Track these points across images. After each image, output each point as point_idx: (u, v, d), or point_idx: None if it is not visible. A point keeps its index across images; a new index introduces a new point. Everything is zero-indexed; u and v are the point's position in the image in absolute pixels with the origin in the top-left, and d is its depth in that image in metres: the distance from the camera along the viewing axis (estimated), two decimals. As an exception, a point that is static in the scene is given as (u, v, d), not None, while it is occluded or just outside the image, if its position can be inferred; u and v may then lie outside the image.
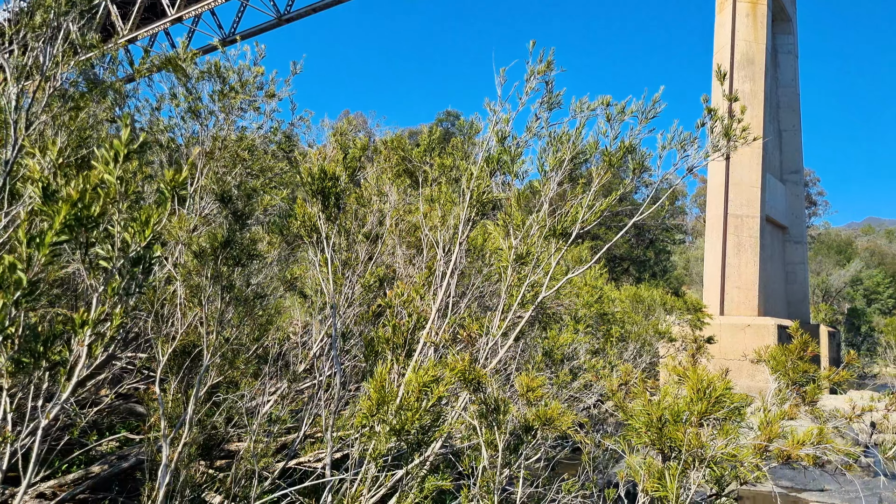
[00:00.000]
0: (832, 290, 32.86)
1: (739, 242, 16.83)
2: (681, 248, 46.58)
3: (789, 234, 21.66)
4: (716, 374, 3.06)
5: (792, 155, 21.70)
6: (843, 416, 3.43)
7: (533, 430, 3.63)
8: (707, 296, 17.17)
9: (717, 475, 2.69)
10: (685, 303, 11.00)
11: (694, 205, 55.35)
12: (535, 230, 3.76)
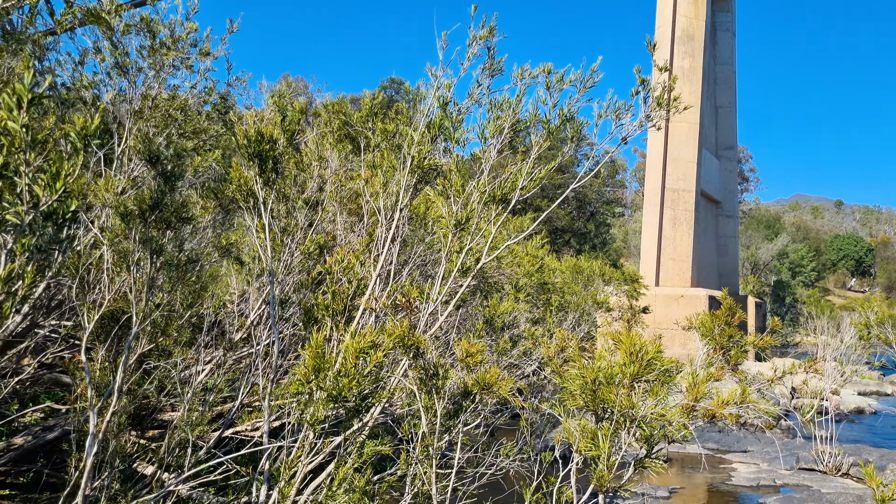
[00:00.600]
0: (760, 263, 34.39)
1: (675, 216, 17.35)
2: (620, 221, 47.75)
3: (722, 209, 22.45)
4: (648, 340, 3.15)
5: (727, 132, 22.40)
6: (765, 378, 3.60)
7: (472, 396, 3.67)
8: (644, 267, 17.69)
9: (646, 434, 2.78)
10: (623, 274, 11.29)
11: (633, 179, 56.66)
12: (476, 196, 3.76)
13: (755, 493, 8.09)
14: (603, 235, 27.86)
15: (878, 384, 20.39)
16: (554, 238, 24.14)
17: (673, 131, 17.60)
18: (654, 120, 3.76)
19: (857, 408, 16.14)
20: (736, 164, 23.20)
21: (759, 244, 40.56)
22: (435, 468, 3.53)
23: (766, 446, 10.40)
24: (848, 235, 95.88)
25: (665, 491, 7.74)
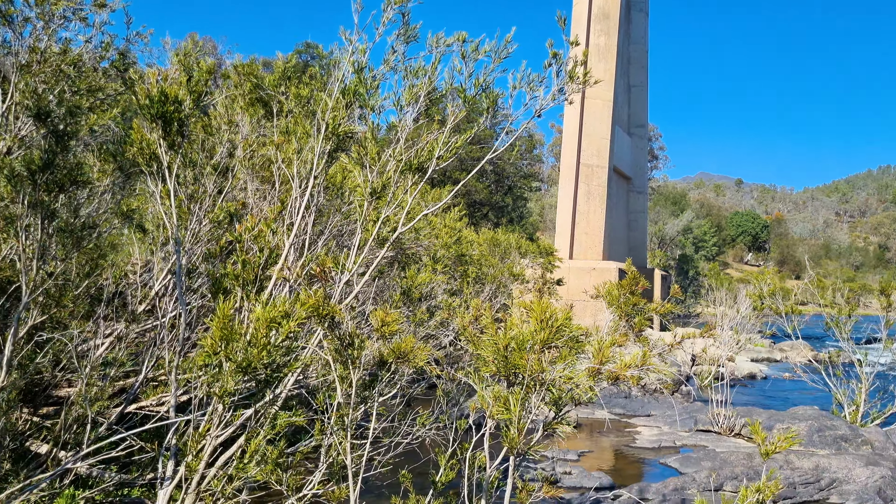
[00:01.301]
0: (667, 238, 36.05)
1: (589, 191, 17.87)
2: (537, 196, 48.78)
3: (633, 185, 23.30)
4: (559, 308, 3.24)
5: (639, 110, 23.16)
6: (666, 343, 3.79)
7: (387, 365, 3.67)
8: (559, 241, 18.17)
9: (555, 397, 2.87)
10: (538, 247, 11.54)
11: (550, 154, 57.86)
12: (392, 165, 3.72)
13: (657, 454, 8.56)
14: (520, 209, 28.35)
15: (769, 351, 21.91)
16: (472, 211, 24.38)
17: (588, 108, 18.03)
18: (566, 93, 3.81)
19: (750, 373, 17.27)
20: (647, 142, 24.07)
21: (666, 220, 42.47)
22: (350, 438, 3.52)
23: (667, 410, 10.99)
24: (746, 213, 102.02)
25: (574, 454, 8.07)
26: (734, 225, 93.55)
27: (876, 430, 9.30)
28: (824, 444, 8.92)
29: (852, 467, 7.38)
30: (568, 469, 7.32)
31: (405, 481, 3.95)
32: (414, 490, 3.73)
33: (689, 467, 7.77)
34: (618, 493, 6.59)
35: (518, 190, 27.12)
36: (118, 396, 3.86)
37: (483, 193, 24.41)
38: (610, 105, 18.23)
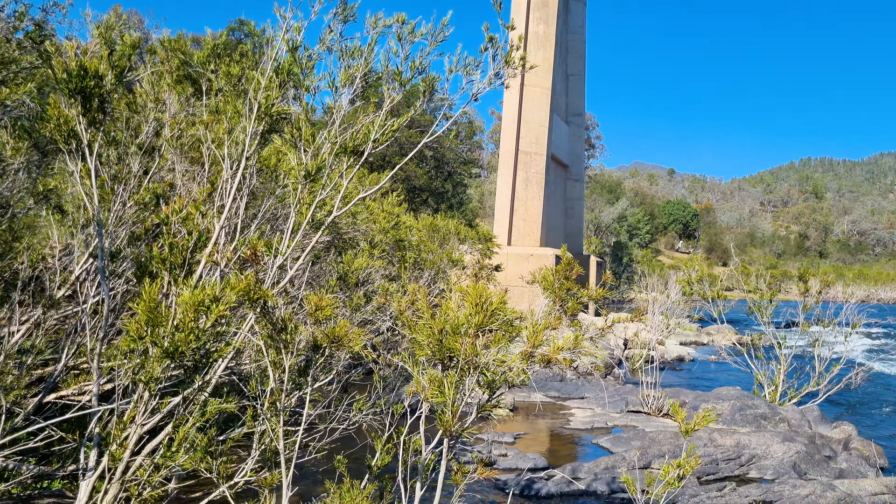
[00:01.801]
0: (602, 225, 36.92)
1: (527, 178, 18.07)
2: (477, 182, 49.03)
3: (570, 173, 23.70)
4: (494, 292, 3.26)
5: (576, 99, 23.53)
6: (598, 327, 3.88)
7: (322, 350, 3.63)
8: (497, 227, 18.34)
9: (489, 380, 2.90)
10: (477, 233, 11.61)
11: (490, 141, 58.20)
12: (327, 147, 3.66)
13: (590, 434, 8.81)
14: (460, 195, 28.41)
15: (697, 335, 22.78)
16: (412, 197, 24.30)
17: (527, 95, 18.19)
18: (503, 78, 3.83)
19: (679, 356, 17.93)
20: (584, 131, 24.51)
21: (602, 207, 43.45)
22: (283, 424, 3.47)
23: (600, 393, 11.31)
24: (678, 202, 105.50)
25: (510, 437, 8.21)
26: (666, 213, 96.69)
27: (792, 409, 9.83)
28: (745, 423, 9.37)
29: (770, 444, 7.78)
30: (504, 451, 7.44)
31: (340, 466, 3.93)
32: (350, 475, 3.71)
33: (619, 447, 8.03)
34: (551, 472, 6.74)
35: (458, 176, 27.14)
36: (36, 386, 3.68)
37: (423, 179, 24.34)
38: (548, 93, 18.44)
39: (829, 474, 7.40)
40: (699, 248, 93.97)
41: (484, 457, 7.03)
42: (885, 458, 8.05)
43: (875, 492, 6.71)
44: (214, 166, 4.09)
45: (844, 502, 6.32)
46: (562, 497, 6.35)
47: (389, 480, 3.90)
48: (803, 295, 12.43)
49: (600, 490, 6.52)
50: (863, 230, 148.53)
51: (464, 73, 3.78)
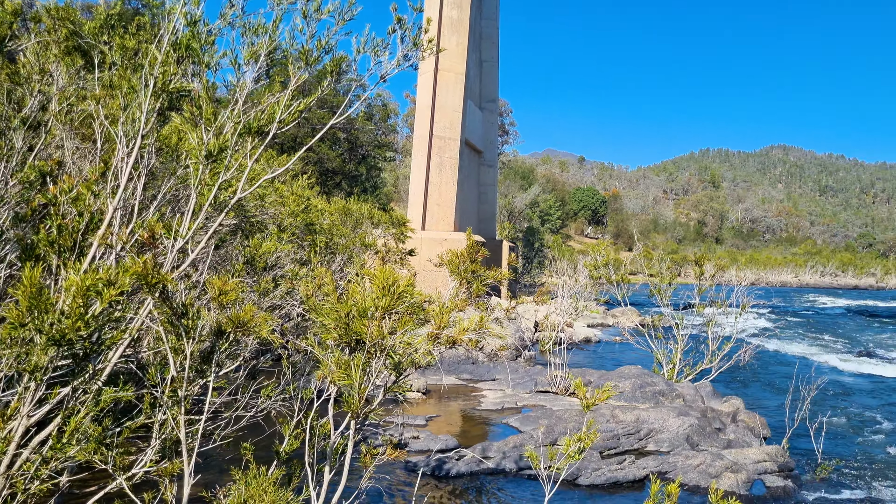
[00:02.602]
0: (515, 211, 37.65)
1: (441, 163, 18.13)
2: (391, 166, 48.74)
3: (484, 158, 23.96)
4: (401, 275, 3.28)
5: (490, 85, 23.76)
6: (503, 308, 3.97)
7: (226, 335, 3.54)
8: (412, 211, 18.33)
9: (395, 362, 2.92)
10: (391, 217, 11.57)
11: (405, 125, 57.91)
12: (230, 127, 3.54)
13: (500, 415, 9.03)
14: (374, 179, 28.14)
15: (603, 317, 23.70)
16: (325, 180, 23.84)
17: (441, 80, 18.20)
18: (412, 60, 3.82)
19: (586, 338, 18.60)
20: (497, 117, 24.81)
21: (515, 193, 44.27)
22: (184, 412, 3.37)
23: (511, 374, 11.60)
24: (587, 189, 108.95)
25: (422, 419, 8.30)
26: (576, 200, 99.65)
27: (688, 385, 10.43)
28: (645, 399, 9.87)
29: (667, 418, 8.24)
30: (416, 434, 7.52)
31: (247, 453, 3.86)
32: (259, 462, 3.65)
33: (527, 425, 8.28)
34: (462, 452, 6.88)
35: (372, 159, 26.82)
36: None
37: (336, 162, 23.91)
38: (462, 78, 18.51)
39: (719, 445, 7.93)
40: (607, 233, 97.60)
41: (396, 440, 7.08)
42: (767, 428, 8.70)
43: (758, 459, 7.26)
44: (108, 144, 3.88)
45: (731, 470, 6.79)
46: (472, 476, 6.49)
47: (298, 466, 3.87)
48: (699, 278, 13.17)
49: (509, 467, 6.71)
50: (754, 218, 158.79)
51: (372, 53, 3.75)
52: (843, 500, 6.48)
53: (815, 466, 7.48)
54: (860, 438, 8.97)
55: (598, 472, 6.71)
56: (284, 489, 3.42)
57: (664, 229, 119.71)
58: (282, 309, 5.79)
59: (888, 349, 19.92)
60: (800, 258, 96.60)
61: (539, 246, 30.47)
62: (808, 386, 9.03)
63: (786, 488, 6.61)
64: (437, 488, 6.08)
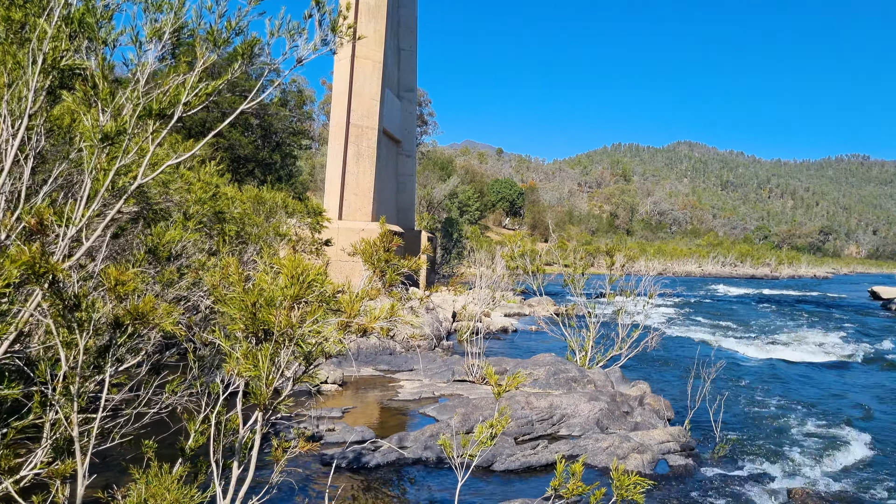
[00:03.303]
0: (435, 202, 37.75)
1: (359, 151, 17.90)
2: (307, 154, 47.74)
3: (402, 148, 23.86)
4: (312, 264, 3.21)
5: (408, 74, 23.64)
6: (417, 297, 3.96)
7: (124, 328, 3.36)
8: (328, 201, 18.03)
9: (304, 351, 2.86)
10: (306, 207, 11.35)
11: (322, 112, 56.82)
12: (129, 109, 3.35)
13: (418, 405, 9.05)
14: (289, 167, 27.42)
15: (520, 307, 24.15)
16: (237, 167, 23.02)
17: (358, 67, 17.94)
18: (330, 45, 3.74)
19: (504, 327, 18.88)
20: (415, 107, 24.72)
21: (434, 184, 44.39)
22: (77, 410, 3.17)
23: (429, 364, 11.64)
24: (505, 180, 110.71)
25: (339, 411, 8.21)
26: (495, 191, 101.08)
27: (599, 371, 10.80)
28: (559, 386, 10.14)
29: (578, 403, 8.50)
30: (332, 426, 7.43)
31: (148, 451, 3.69)
32: (164, 460, 3.50)
33: (444, 414, 8.34)
34: (378, 443, 6.85)
35: (287, 147, 26.08)
36: None
37: (248, 149, 23.12)
38: (380, 66, 18.31)
39: (627, 427, 8.26)
40: (524, 224, 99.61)
41: (311, 433, 6.97)
42: (671, 410, 9.13)
43: (662, 440, 7.61)
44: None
45: (637, 451, 7.09)
46: (389, 466, 6.48)
47: (205, 463, 3.74)
48: (610, 269, 13.64)
49: (426, 456, 6.73)
50: (662, 210, 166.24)
51: (287, 36, 3.63)
52: (737, 475, 6.90)
53: (714, 445, 7.92)
54: (754, 417, 9.57)
55: (513, 458, 6.84)
56: (189, 486, 3.29)
57: (579, 221, 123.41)
58: (188, 301, 5.56)
59: (780, 334, 21.35)
60: (703, 249, 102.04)
61: (458, 237, 30.70)
62: (708, 369, 9.54)
63: (687, 466, 6.96)
64: (352, 480, 6.03)
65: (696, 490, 6.38)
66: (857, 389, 12.17)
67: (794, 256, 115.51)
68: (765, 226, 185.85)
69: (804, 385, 12.44)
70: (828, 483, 6.82)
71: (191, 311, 6.38)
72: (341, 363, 10.96)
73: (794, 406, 10.37)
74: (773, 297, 46.36)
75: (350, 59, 17.59)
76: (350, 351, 11.66)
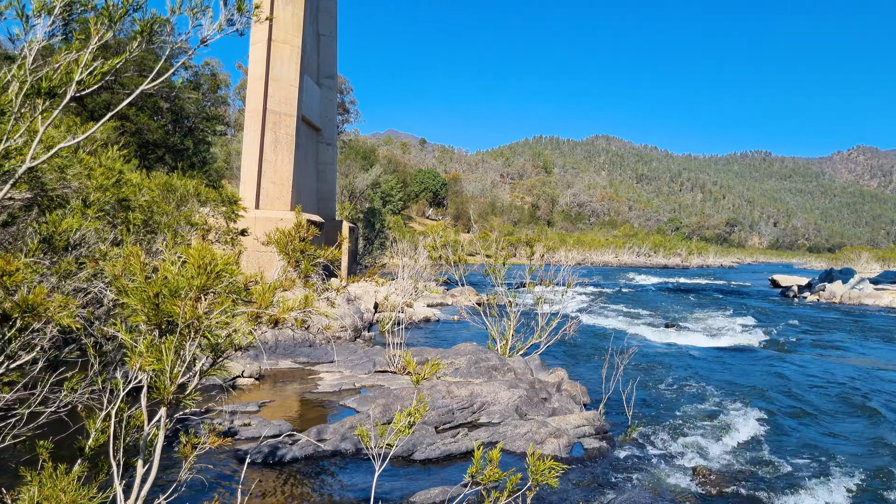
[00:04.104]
0: (357, 191, 37.32)
1: (277, 139, 17.40)
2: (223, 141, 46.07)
3: (322, 136, 23.40)
4: (222, 254, 3.08)
5: (328, 60, 23.16)
6: (333, 288, 3.89)
7: (12, 321, 3.12)
8: (245, 190, 17.46)
9: (212, 343, 2.74)
10: (220, 195, 10.96)
11: (238, 97, 54.97)
12: (16, 87, 3.11)
13: (339, 396, 8.93)
14: (203, 154, 26.29)
15: (443, 297, 24.27)
16: (145, 153, 21.90)
17: (275, 52, 17.39)
18: (236, 25, 3.58)
19: (426, 317, 18.92)
20: (336, 94, 24.27)
21: (356, 174, 43.86)
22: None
23: (350, 356, 11.53)
24: (428, 171, 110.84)
25: (255, 405, 7.99)
26: (418, 181, 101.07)
27: (519, 359, 10.99)
28: (479, 374, 10.26)
29: (498, 391, 8.62)
30: (247, 420, 7.23)
31: (43, 452, 3.46)
32: (62, 461, 3.29)
33: (365, 405, 8.28)
34: (296, 437, 6.71)
35: (200, 133, 24.95)
36: None
37: (158, 134, 22.02)
38: (298, 51, 17.82)
39: (545, 413, 8.45)
40: (448, 215, 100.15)
41: (221, 427, 6.75)
42: (587, 395, 9.41)
43: (578, 424, 7.83)
44: None
45: (554, 435, 7.26)
46: (307, 460, 6.36)
47: (106, 462, 3.55)
48: (529, 258, 13.88)
49: (345, 448, 6.66)
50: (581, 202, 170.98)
51: (190, 14, 3.46)
52: (647, 455, 7.18)
53: (627, 427, 8.22)
54: (664, 400, 10.00)
55: (433, 447, 6.87)
56: (87, 487, 3.10)
57: (501, 212, 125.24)
58: (88, 293, 5.25)
59: (689, 321, 22.41)
60: (619, 240, 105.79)
61: (380, 227, 30.49)
62: (622, 355, 9.89)
63: (601, 449, 7.19)
64: (268, 475, 5.89)
65: (609, 471, 6.60)
66: (755, 372, 12.93)
67: (703, 247, 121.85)
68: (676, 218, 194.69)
69: (709, 369, 13.10)
70: (727, 460, 7.21)
71: (93, 304, 6.04)
72: (258, 356, 10.68)
73: (699, 389, 10.91)
74: (683, 285, 48.65)
75: (266, 43, 17.02)
76: (267, 343, 11.37)
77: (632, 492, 5.98)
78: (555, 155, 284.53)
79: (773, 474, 6.81)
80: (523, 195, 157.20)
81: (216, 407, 7.61)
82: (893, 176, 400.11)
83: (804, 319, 24.20)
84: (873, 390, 11.47)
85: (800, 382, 11.98)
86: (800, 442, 8.13)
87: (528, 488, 3.55)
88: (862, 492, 6.49)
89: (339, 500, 5.48)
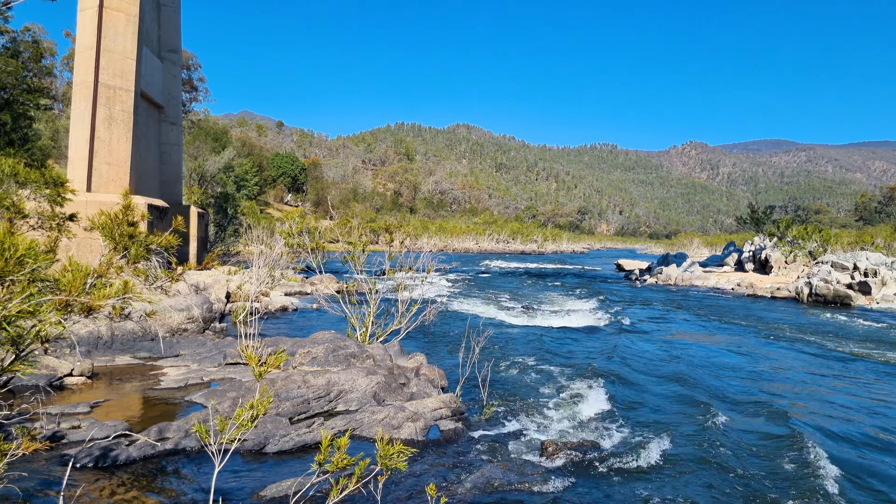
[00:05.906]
0: (207, 175, 35.26)
1: (111, 116, 15.90)
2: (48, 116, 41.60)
3: (165, 115, 21.78)
4: (32, 241, 2.71)
5: (171, 32, 21.52)
6: (167, 275, 3.57)
7: None
8: (73, 170, 15.81)
9: (11, 335, 2.39)
10: (43, 176, 9.88)
11: (66, 68, 49.87)
12: None
13: (185, 392, 8.39)
14: (24, 130, 23.43)
15: (301, 285, 23.64)
16: (-47, 128, 19.22)
17: (108, 20, 15.82)
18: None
19: (283, 306, 18.34)
20: (180, 69, 22.65)
21: (206, 156, 41.44)
22: None
23: (198, 349, 10.88)
24: (287, 155, 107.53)
25: (86, 406, 7.29)
26: (275, 166, 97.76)
27: (378, 346, 10.92)
28: (337, 362, 10.07)
29: (356, 378, 8.50)
30: (77, 422, 6.58)
31: None
32: None
33: (214, 399, 7.83)
34: (133, 437, 6.20)
35: (20, 106, 22.20)
36: None
37: (-32, 107, 19.34)
38: (135, 21, 16.34)
39: (403, 398, 8.45)
40: (307, 201, 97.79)
41: (41, 431, 6.08)
42: (445, 379, 9.55)
43: (434, 407, 7.91)
44: None
45: (411, 420, 7.28)
46: (146, 460, 5.90)
47: None
48: (388, 245, 13.82)
49: (190, 446, 6.25)
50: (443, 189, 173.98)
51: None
52: (500, 434, 7.41)
53: (482, 408, 8.43)
54: (517, 380, 10.39)
55: (287, 438, 6.63)
56: None
57: (363, 198, 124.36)
58: None
59: (544, 304, 23.53)
60: (480, 227, 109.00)
61: (234, 213, 29.08)
62: (478, 339, 10.13)
63: (457, 430, 7.31)
64: (99, 480, 5.38)
65: (463, 451, 6.72)
66: (600, 350, 13.81)
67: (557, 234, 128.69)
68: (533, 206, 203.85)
69: (560, 349, 13.81)
70: (574, 433, 7.61)
71: None
72: (91, 352, 9.78)
73: (550, 368, 11.45)
74: (539, 270, 51.03)
75: (98, 10, 15.43)
76: (101, 338, 10.43)
77: (484, 469, 6.13)
78: (417, 142, 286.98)
79: (614, 443, 7.28)
80: (386, 182, 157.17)
81: (36, 409, 6.84)
82: (720, 169, 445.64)
83: (643, 300, 26.26)
84: (695, 363, 12.67)
85: (638, 357, 12.95)
86: (637, 411, 8.77)
87: (378, 473, 3.48)
88: (686, 445, 7.11)
89: (179, 501, 5.12)
